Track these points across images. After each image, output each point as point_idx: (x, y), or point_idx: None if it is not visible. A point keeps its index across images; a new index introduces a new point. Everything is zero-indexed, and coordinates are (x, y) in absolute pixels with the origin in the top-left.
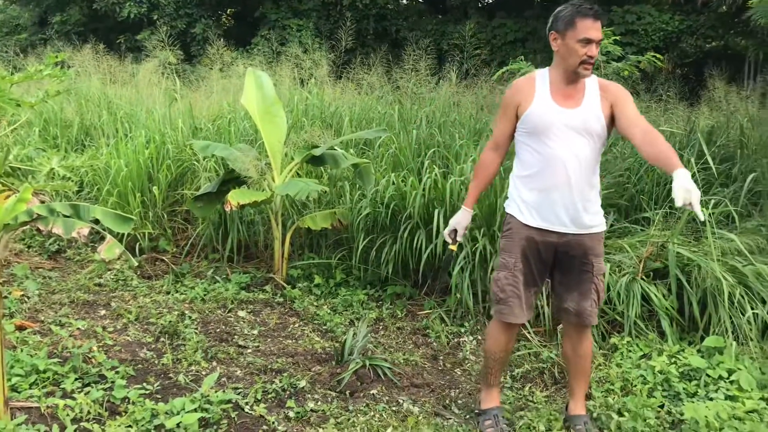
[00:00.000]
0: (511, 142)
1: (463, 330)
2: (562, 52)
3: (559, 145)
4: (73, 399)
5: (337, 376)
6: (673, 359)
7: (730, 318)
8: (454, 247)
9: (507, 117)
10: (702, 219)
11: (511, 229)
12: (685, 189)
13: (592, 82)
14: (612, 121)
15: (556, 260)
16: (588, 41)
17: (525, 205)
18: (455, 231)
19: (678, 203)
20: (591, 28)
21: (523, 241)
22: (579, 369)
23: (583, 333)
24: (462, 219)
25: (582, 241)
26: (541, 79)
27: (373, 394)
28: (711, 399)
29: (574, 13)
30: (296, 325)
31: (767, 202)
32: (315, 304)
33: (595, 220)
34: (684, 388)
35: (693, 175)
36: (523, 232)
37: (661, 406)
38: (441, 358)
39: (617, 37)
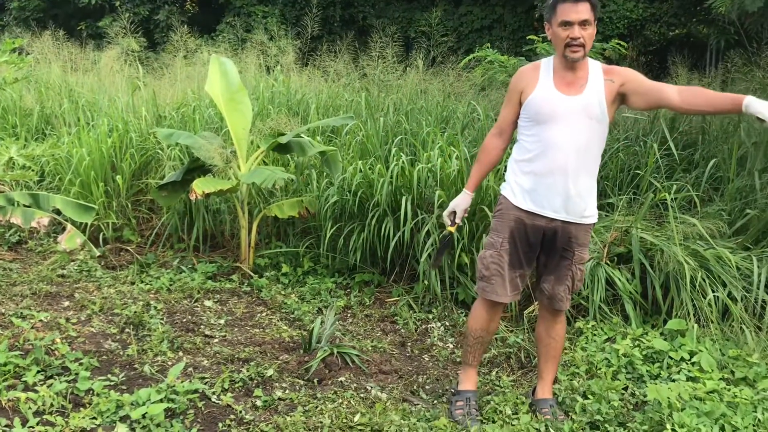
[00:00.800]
0: (515, 129)
1: (431, 317)
2: (553, 39)
3: (559, 131)
4: (36, 392)
5: (305, 365)
6: (637, 342)
7: (692, 301)
8: (452, 229)
9: (511, 103)
10: None
11: (502, 210)
12: (765, 106)
13: (596, 68)
14: (617, 105)
15: (543, 243)
16: (567, 23)
17: (519, 188)
18: (454, 213)
19: None
20: (570, 11)
21: (512, 223)
22: (550, 352)
23: (557, 316)
24: (462, 201)
25: (569, 229)
26: (545, 67)
27: (341, 381)
28: (673, 380)
29: (555, 0)
30: (263, 314)
31: (728, 187)
32: (282, 292)
33: (588, 210)
34: (647, 371)
35: (656, 161)
36: (513, 214)
37: (625, 389)
38: (409, 344)
39: None
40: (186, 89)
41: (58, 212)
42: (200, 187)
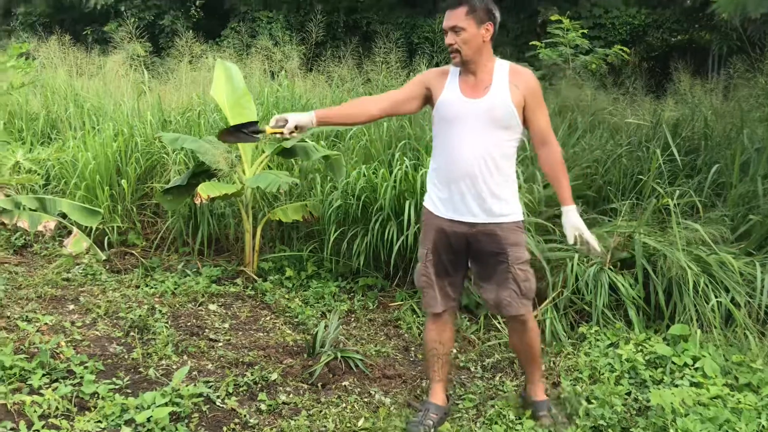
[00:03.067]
0: (396, 110)
1: None
2: None
3: (463, 135)
4: (41, 395)
5: (309, 369)
6: (640, 347)
7: (695, 306)
8: (270, 129)
9: (412, 86)
10: (599, 252)
11: (425, 221)
12: (574, 227)
13: (502, 69)
14: (521, 109)
15: (471, 252)
16: (444, 31)
17: (438, 197)
18: (286, 121)
19: (570, 241)
20: (445, 19)
21: (434, 233)
22: (528, 357)
23: (522, 323)
24: (300, 117)
25: (493, 231)
26: (453, 72)
27: (345, 386)
28: (676, 386)
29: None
30: (267, 317)
31: (730, 192)
32: (286, 296)
33: (506, 209)
34: (650, 376)
35: (659, 167)
36: (434, 223)
37: (628, 394)
38: (412, 349)
39: (585, 31)
40: (191, 94)
41: (63, 216)
42: (205, 191)
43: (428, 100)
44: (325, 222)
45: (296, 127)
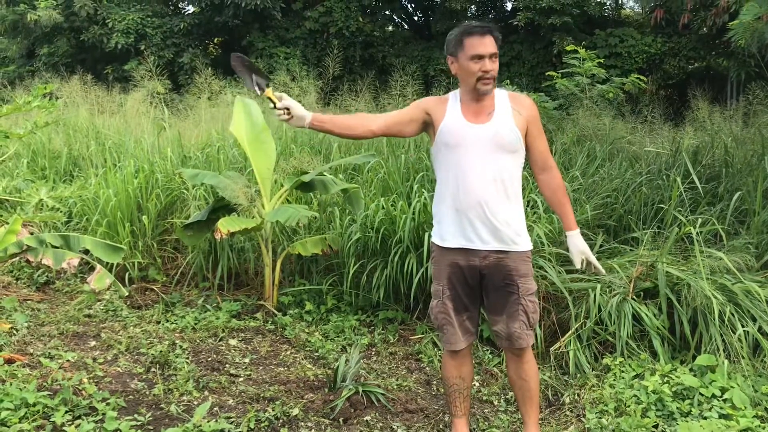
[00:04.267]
0: (396, 130)
1: None
2: (460, 73)
3: (470, 161)
4: None
5: (330, 404)
6: (666, 378)
7: (721, 336)
8: (269, 92)
9: (412, 109)
10: (603, 273)
11: (435, 257)
12: (580, 251)
13: (501, 97)
14: (524, 134)
15: (483, 284)
16: (479, 57)
17: (447, 229)
18: (287, 106)
19: (577, 266)
20: (479, 44)
21: (448, 268)
22: (525, 394)
23: (523, 356)
24: (298, 109)
25: (505, 263)
26: (453, 99)
27: (366, 420)
28: (705, 418)
29: (460, 34)
30: (288, 352)
31: (754, 219)
32: (306, 330)
33: (516, 237)
34: (677, 408)
35: (679, 195)
36: (447, 259)
37: (656, 426)
38: (434, 383)
39: (601, 60)
40: (210, 130)
41: (86, 252)
42: (225, 226)
43: (426, 126)
44: (344, 255)
45: (288, 110)
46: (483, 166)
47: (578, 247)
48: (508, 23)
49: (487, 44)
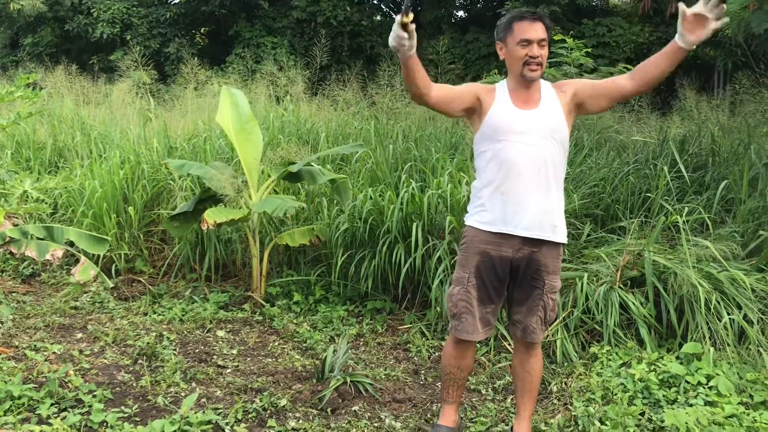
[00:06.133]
0: (447, 103)
1: (443, 343)
2: (508, 59)
3: (520, 147)
4: (50, 425)
5: (318, 394)
6: (653, 367)
7: (707, 324)
8: (408, 20)
9: (465, 88)
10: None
11: (467, 243)
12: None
13: (546, 86)
14: (573, 116)
15: (512, 274)
16: (527, 42)
17: (489, 213)
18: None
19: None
20: (528, 29)
21: (478, 256)
22: (525, 386)
23: (532, 349)
24: (414, 42)
25: (537, 257)
26: (500, 88)
27: (354, 410)
28: (691, 405)
29: (510, 19)
30: (276, 343)
31: (740, 208)
32: (294, 321)
33: (557, 228)
34: (664, 395)
35: (666, 184)
36: (478, 247)
37: (642, 414)
38: (422, 372)
39: (589, 50)
40: (197, 120)
41: (71, 244)
42: (212, 216)
43: (471, 112)
44: (332, 246)
45: (409, 38)
46: (530, 152)
47: None
48: (496, 13)
49: (537, 29)
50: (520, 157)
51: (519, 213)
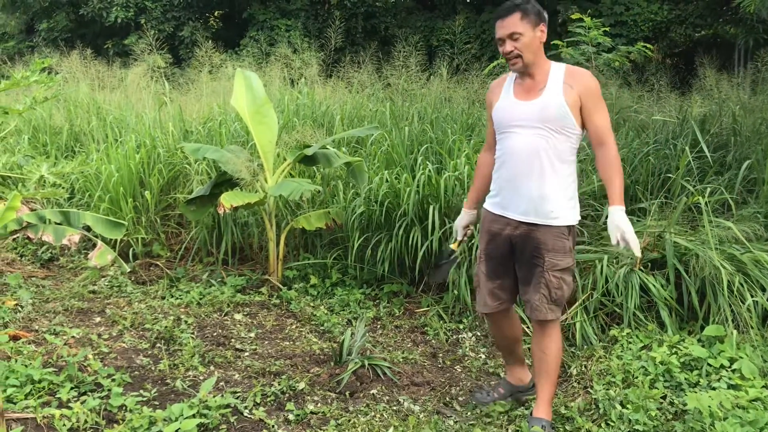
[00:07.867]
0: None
1: (461, 326)
2: None
3: (516, 136)
4: (70, 408)
5: (336, 377)
6: (674, 349)
7: (730, 306)
8: (454, 246)
9: (490, 117)
10: (638, 255)
11: (481, 223)
12: (616, 227)
13: (557, 70)
14: (579, 107)
15: (514, 253)
16: (500, 40)
17: (494, 197)
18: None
19: (613, 242)
20: (498, 29)
21: (486, 234)
22: (542, 367)
23: (544, 329)
24: (461, 219)
25: (534, 235)
26: (509, 79)
27: (373, 394)
28: (713, 388)
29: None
30: (293, 326)
31: (763, 188)
32: (311, 304)
33: (553, 212)
34: (686, 378)
35: (687, 164)
36: (487, 225)
37: (664, 397)
38: (440, 355)
39: (606, 29)
40: (212, 104)
41: (88, 229)
42: (228, 200)
43: None
44: (348, 229)
45: (467, 227)
46: (526, 141)
47: (614, 222)
48: None
49: (506, 25)
50: (516, 147)
51: (514, 200)
